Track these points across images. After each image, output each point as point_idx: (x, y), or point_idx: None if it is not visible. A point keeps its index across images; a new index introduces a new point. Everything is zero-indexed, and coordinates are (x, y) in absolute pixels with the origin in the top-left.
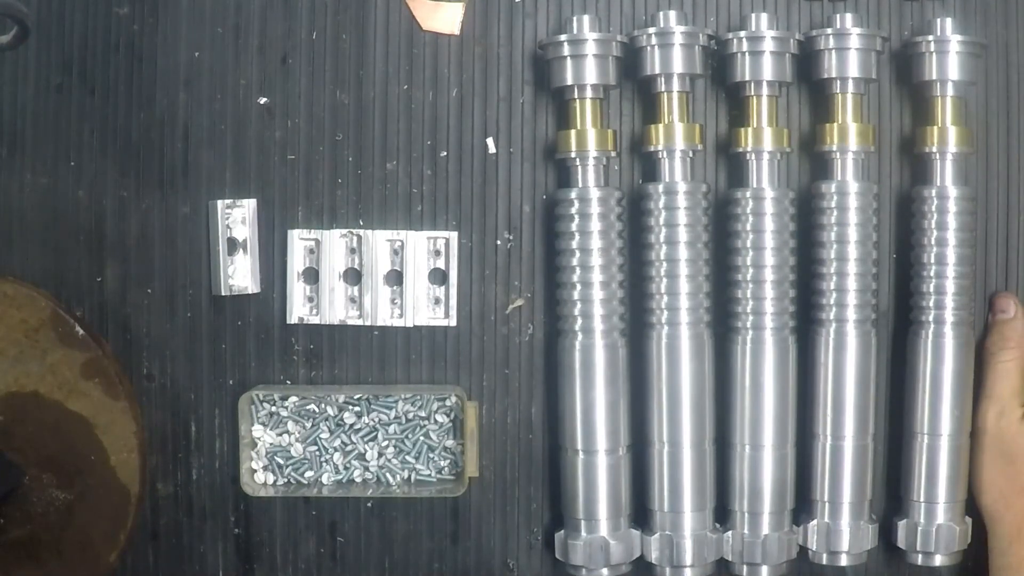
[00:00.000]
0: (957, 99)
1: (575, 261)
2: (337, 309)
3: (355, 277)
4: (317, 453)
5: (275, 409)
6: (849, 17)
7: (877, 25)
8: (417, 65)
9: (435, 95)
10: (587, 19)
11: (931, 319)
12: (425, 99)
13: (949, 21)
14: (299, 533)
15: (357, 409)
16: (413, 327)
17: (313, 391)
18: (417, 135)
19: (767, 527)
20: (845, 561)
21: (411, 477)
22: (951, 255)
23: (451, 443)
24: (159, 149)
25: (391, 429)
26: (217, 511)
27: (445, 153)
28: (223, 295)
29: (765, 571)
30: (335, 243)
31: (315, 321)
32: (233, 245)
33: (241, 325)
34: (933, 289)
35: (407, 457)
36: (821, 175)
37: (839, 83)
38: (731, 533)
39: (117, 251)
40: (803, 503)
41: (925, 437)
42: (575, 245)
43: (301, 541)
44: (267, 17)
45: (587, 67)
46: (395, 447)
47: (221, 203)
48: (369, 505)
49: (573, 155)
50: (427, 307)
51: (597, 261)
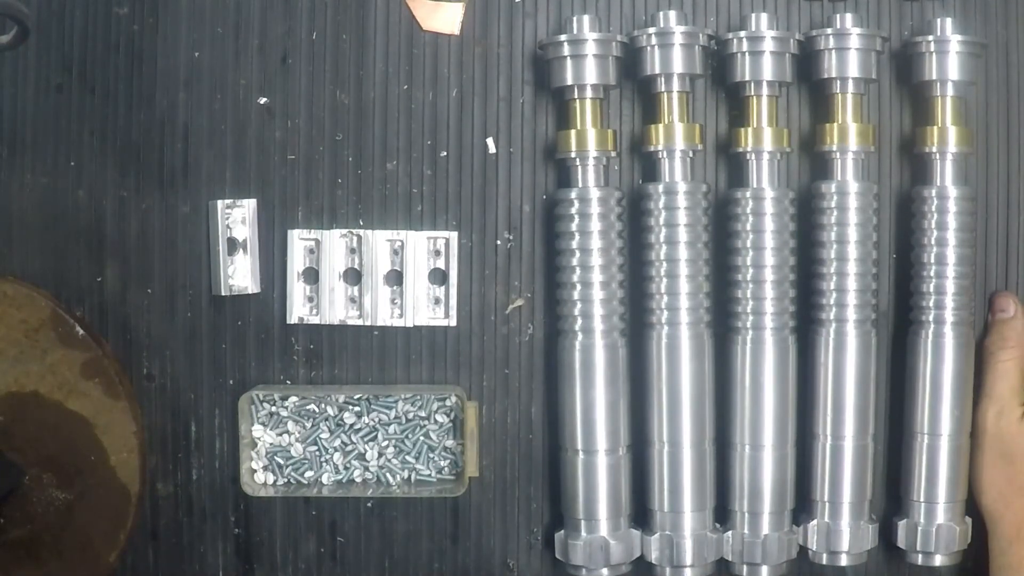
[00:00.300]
0: (957, 99)
1: (575, 261)
2: (337, 309)
3: (355, 277)
4: (317, 453)
5: (275, 409)
6: (849, 17)
7: (877, 25)
8: (417, 65)
9: (435, 95)
10: (587, 19)
11: (931, 319)
12: (425, 99)
13: (949, 21)
14: (299, 533)
15: (357, 409)
16: (413, 327)
17: (313, 391)
18: (417, 135)
19: (767, 527)
20: (845, 561)
21: (411, 477)
22: (951, 255)
23: (451, 443)
24: (159, 149)
25: (391, 429)
26: (217, 511)
27: (445, 153)
28: (223, 295)
29: (765, 571)
30: (335, 243)
31: (315, 321)
32: (233, 245)
33: (241, 325)
34: (933, 289)
35: (407, 457)
36: (821, 175)
37: (839, 83)
38: (731, 533)
39: (117, 251)
40: (803, 503)
41: (925, 437)
42: (575, 245)
43: (301, 541)
44: (267, 17)
45: (587, 67)
46: (395, 447)
47: (221, 203)
48: (369, 505)
49: (573, 155)
50: (427, 307)
51: (597, 261)
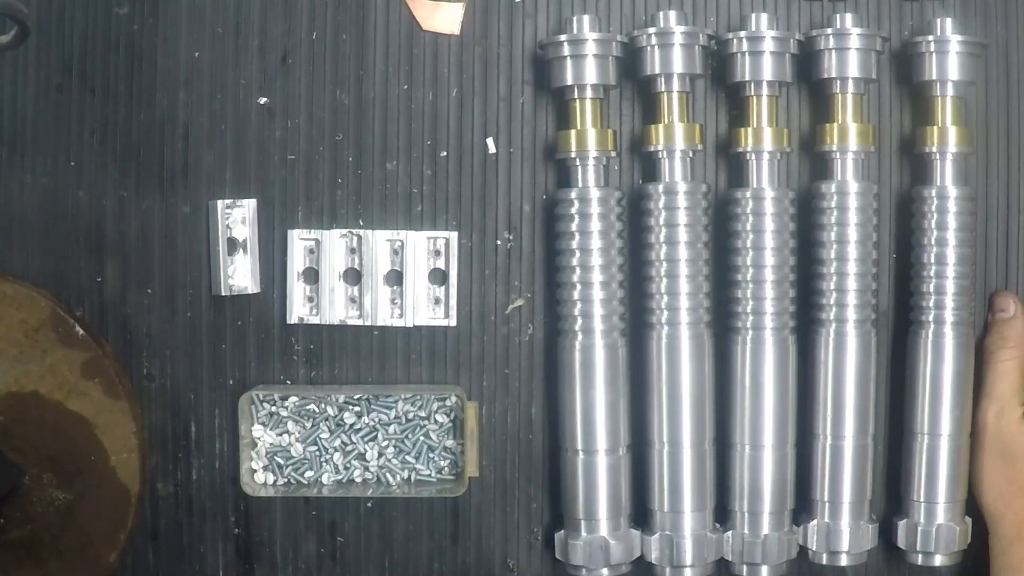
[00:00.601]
0: (957, 99)
1: (575, 261)
2: (337, 309)
3: (355, 277)
4: (317, 453)
5: (275, 409)
6: (849, 17)
7: (877, 25)
8: (417, 65)
9: (435, 95)
10: (587, 19)
11: (931, 319)
12: (425, 99)
13: (949, 21)
14: (299, 533)
15: (357, 409)
16: (413, 327)
17: (313, 391)
18: (417, 135)
19: (767, 527)
20: (845, 561)
21: (411, 477)
22: (951, 255)
23: (451, 443)
24: (159, 149)
25: (391, 429)
26: (217, 511)
27: (445, 153)
28: (223, 295)
29: (765, 571)
30: (335, 243)
31: (315, 321)
32: (233, 245)
33: (241, 325)
34: (933, 289)
35: (407, 457)
36: (821, 175)
37: (839, 83)
38: (731, 533)
39: (117, 251)
40: (803, 503)
41: (925, 437)
42: (575, 245)
43: (301, 541)
44: (267, 17)
45: (587, 67)
46: (395, 447)
47: (221, 203)
48: (369, 505)
49: (573, 155)
50: (427, 307)
51: (597, 261)
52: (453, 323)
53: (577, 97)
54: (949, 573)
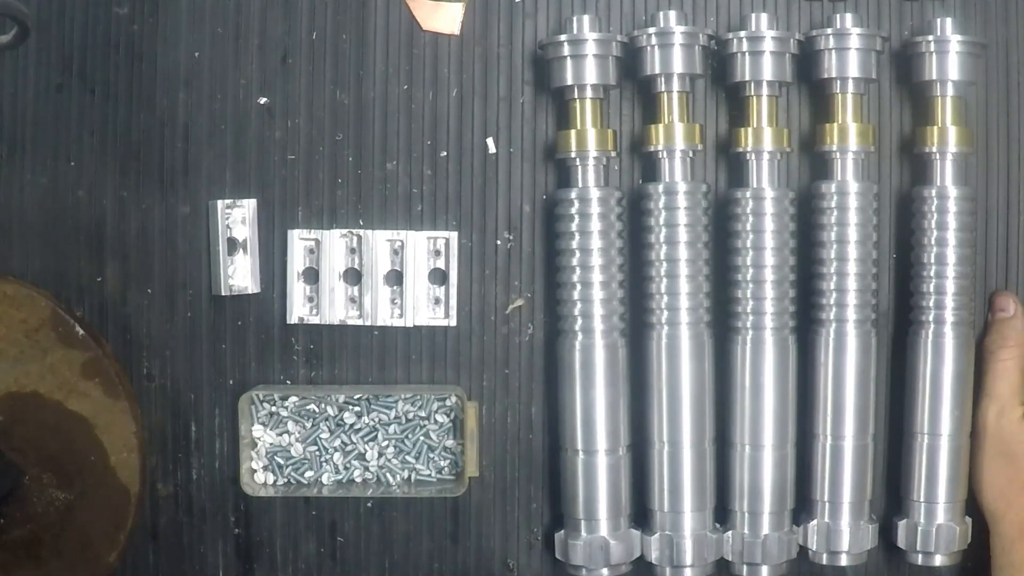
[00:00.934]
0: (957, 99)
1: (575, 261)
2: (337, 309)
3: (355, 277)
4: (317, 453)
5: (275, 409)
6: (849, 17)
7: (877, 25)
8: (417, 65)
9: (435, 95)
10: (587, 19)
11: (931, 319)
12: (425, 99)
13: (949, 21)
14: (299, 533)
15: (357, 409)
16: (413, 327)
17: (313, 391)
18: (417, 135)
19: (767, 527)
20: (845, 561)
21: (411, 477)
22: (951, 255)
23: (451, 443)
24: (159, 149)
25: (391, 429)
26: (217, 511)
27: (445, 153)
28: (223, 295)
29: (765, 571)
30: (335, 243)
31: (315, 321)
32: (233, 245)
33: (241, 325)
34: (933, 289)
35: (407, 457)
36: (821, 175)
37: (839, 83)
38: (731, 533)
39: (117, 251)
40: (803, 503)
41: (925, 437)
42: (575, 245)
43: (301, 541)
44: (267, 17)
45: (587, 67)
46: (395, 447)
47: (221, 203)
48: (369, 505)
49: (573, 155)
50: (427, 307)
51: (597, 261)
52: (453, 323)
53: (577, 97)
54: (949, 573)
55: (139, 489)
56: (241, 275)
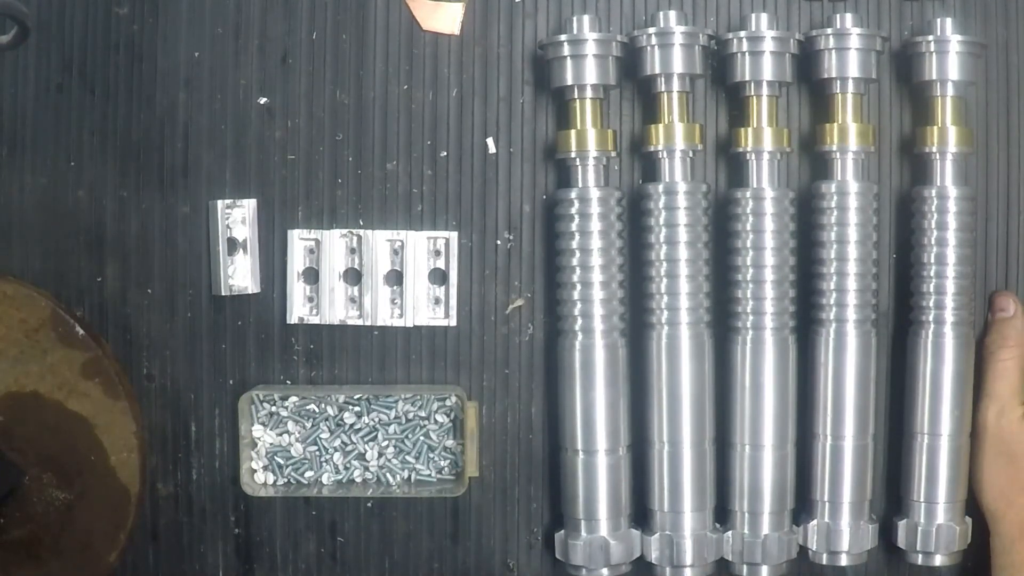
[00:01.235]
0: (957, 99)
1: (575, 261)
2: (337, 309)
3: (355, 277)
4: (317, 453)
5: (275, 409)
6: (849, 17)
7: (877, 25)
8: (417, 65)
9: (435, 95)
10: (587, 19)
11: (931, 319)
12: (425, 99)
13: (949, 21)
14: (299, 533)
15: (357, 409)
16: (413, 327)
17: (313, 391)
18: (417, 135)
19: (767, 527)
20: (845, 561)
21: (411, 477)
22: (951, 255)
23: (451, 443)
24: (159, 149)
25: (391, 429)
26: (217, 511)
27: (445, 153)
28: (223, 295)
29: (765, 571)
30: (335, 243)
31: (315, 321)
32: (233, 245)
33: (241, 325)
34: (933, 289)
35: (407, 457)
36: (821, 175)
37: (839, 83)
38: (731, 533)
39: (117, 251)
40: (803, 503)
41: (925, 437)
42: (575, 245)
43: (301, 541)
44: (267, 17)
45: (587, 67)
46: (395, 447)
47: (221, 203)
48: (369, 505)
49: (573, 155)
50: (427, 307)
51: (597, 261)
52: (453, 323)
53: (577, 97)
54: (949, 573)
55: (139, 489)
56: (241, 275)
